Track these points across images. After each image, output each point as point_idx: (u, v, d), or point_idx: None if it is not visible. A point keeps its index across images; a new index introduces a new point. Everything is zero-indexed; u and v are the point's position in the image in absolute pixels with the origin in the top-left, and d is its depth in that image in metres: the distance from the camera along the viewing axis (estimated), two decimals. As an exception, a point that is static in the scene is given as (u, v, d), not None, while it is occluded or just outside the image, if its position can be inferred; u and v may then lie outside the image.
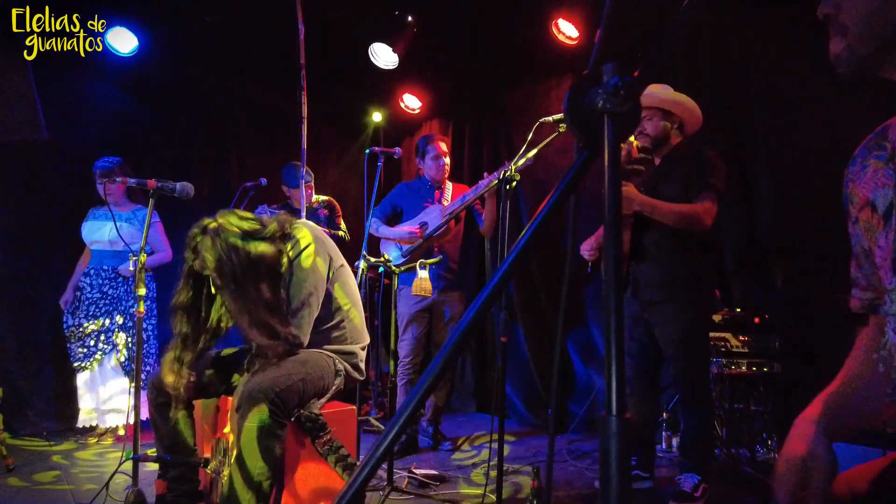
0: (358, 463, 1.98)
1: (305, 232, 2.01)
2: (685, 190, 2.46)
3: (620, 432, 0.49)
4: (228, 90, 4.58)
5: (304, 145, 2.89)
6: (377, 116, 5.31)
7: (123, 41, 3.88)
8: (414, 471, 2.82)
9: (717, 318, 3.13)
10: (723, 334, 3.12)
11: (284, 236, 1.97)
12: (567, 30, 3.83)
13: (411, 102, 4.95)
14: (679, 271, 2.49)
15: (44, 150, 3.81)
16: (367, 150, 3.26)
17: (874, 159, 0.86)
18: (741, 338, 3.11)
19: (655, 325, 2.56)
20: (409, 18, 3.99)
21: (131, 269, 3.46)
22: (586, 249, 2.70)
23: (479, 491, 2.57)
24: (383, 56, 4.17)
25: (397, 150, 3.34)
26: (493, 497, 2.22)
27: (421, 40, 4.10)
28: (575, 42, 3.83)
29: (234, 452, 1.69)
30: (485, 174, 3.10)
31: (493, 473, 2.16)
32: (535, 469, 2.17)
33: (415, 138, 4.52)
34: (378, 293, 3.33)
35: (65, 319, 3.52)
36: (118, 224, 3.23)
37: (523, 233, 0.55)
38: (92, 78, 4.10)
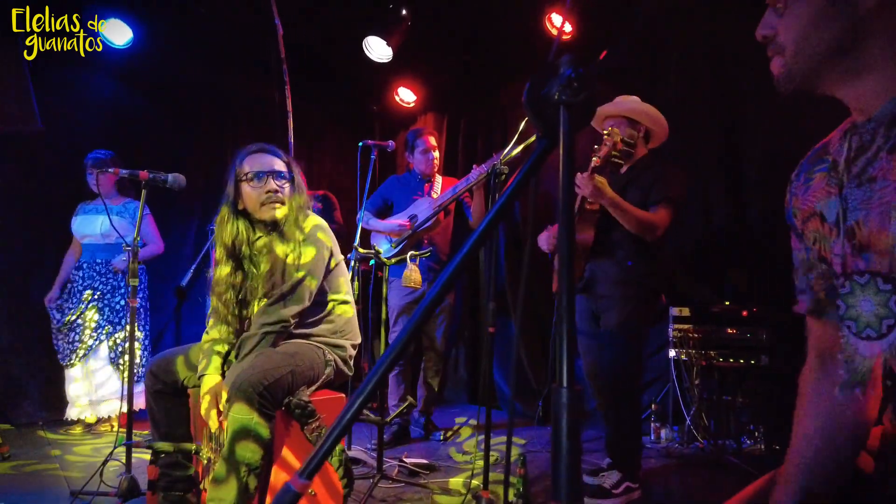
0: (345, 448, 2.02)
1: (315, 221, 2.08)
2: (646, 199, 2.52)
3: (571, 403, 0.52)
4: (223, 83, 4.58)
5: (291, 139, 2.92)
6: (372, 109, 5.33)
7: (119, 33, 3.89)
8: (404, 460, 2.86)
9: (707, 311, 3.19)
10: (712, 327, 3.17)
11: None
12: (560, 24, 3.85)
13: (406, 96, 4.97)
14: (634, 271, 2.55)
15: (38, 142, 3.82)
16: (361, 144, 3.28)
17: (818, 172, 0.89)
18: (729, 330, 3.16)
19: (602, 312, 2.62)
20: (404, 12, 4.00)
21: (124, 259, 3.48)
22: (544, 240, 2.74)
23: (467, 478, 2.62)
24: (377, 49, 4.18)
25: (390, 143, 3.37)
26: (478, 482, 2.25)
27: (415, 34, 4.11)
28: (568, 36, 3.84)
29: (225, 440, 1.72)
30: (474, 166, 3.13)
31: (480, 463, 2.19)
32: (522, 456, 2.21)
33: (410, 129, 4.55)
34: (370, 285, 3.36)
35: (52, 316, 3.51)
36: (110, 219, 3.26)
37: (486, 217, 0.58)
38: (87, 70, 4.10)
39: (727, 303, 3.21)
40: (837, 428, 0.89)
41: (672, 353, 3.25)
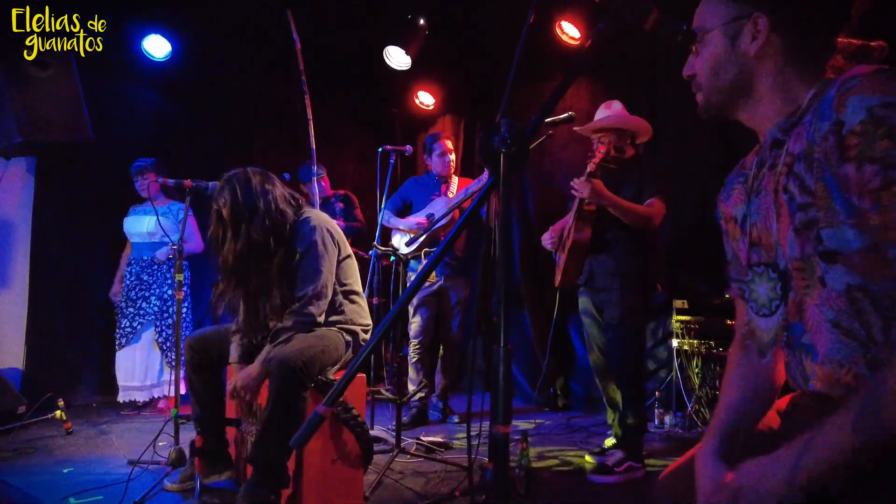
0: (367, 423, 2.28)
1: (317, 221, 2.28)
2: (639, 193, 2.77)
3: (504, 357, 0.77)
4: (253, 91, 4.88)
5: (314, 144, 3.21)
6: (393, 113, 5.59)
7: (158, 47, 4.24)
8: (422, 438, 3.13)
9: (708, 303, 3.38)
10: (713, 318, 3.36)
11: (298, 214, 2.27)
12: (570, 31, 4.05)
13: (426, 99, 5.22)
14: (630, 265, 2.79)
15: (87, 148, 4.16)
16: (380, 149, 3.54)
17: (738, 184, 1.12)
18: (729, 321, 3.34)
19: (604, 306, 2.85)
20: (422, 22, 4.24)
21: (169, 256, 3.85)
22: (547, 240, 3.00)
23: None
24: (397, 58, 4.43)
25: (408, 147, 3.62)
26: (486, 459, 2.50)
27: (433, 41, 4.35)
28: (577, 42, 4.04)
29: (265, 410, 2.00)
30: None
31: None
32: (524, 433, 2.46)
33: (429, 133, 4.79)
34: (391, 279, 3.63)
35: (117, 305, 3.93)
36: (156, 218, 3.63)
37: (452, 229, 0.82)
38: (131, 81, 4.46)
39: (727, 295, 3.39)
40: (752, 391, 1.12)
41: (675, 343, 3.44)
